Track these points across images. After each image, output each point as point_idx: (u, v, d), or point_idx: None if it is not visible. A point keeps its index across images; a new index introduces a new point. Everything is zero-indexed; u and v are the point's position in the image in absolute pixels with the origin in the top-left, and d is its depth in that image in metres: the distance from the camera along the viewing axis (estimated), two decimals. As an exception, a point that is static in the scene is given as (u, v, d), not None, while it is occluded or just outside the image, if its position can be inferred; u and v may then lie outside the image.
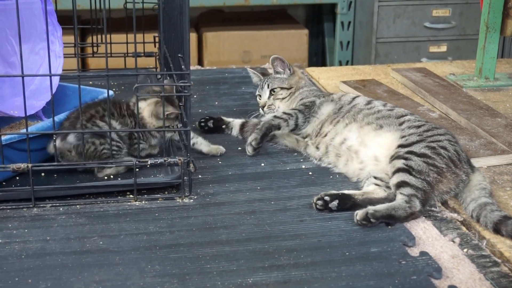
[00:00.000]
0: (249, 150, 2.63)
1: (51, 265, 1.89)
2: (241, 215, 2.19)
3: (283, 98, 2.84)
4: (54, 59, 2.66)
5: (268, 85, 2.87)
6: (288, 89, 2.84)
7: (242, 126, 2.83)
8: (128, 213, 2.19)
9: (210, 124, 2.86)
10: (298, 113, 2.67)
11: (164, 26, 2.95)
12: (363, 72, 3.79)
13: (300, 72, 2.97)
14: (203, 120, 2.88)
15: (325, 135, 2.57)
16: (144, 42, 3.43)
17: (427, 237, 2.08)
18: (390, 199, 2.22)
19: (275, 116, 2.67)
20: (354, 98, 2.68)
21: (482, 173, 2.36)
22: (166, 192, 2.33)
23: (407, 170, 2.22)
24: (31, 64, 2.77)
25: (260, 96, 2.90)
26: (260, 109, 2.87)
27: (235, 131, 2.85)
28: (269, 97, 2.85)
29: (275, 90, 2.85)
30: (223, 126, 2.86)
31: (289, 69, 2.88)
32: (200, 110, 3.15)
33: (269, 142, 2.71)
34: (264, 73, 3.00)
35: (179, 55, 2.35)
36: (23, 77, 2.18)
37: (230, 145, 2.71)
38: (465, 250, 2.02)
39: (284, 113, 2.68)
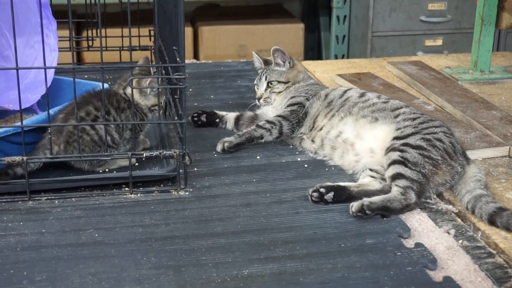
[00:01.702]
0: (218, 147, 2.60)
1: (47, 257, 1.89)
2: (236, 208, 2.19)
3: (279, 92, 2.83)
4: (49, 52, 2.65)
5: (266, 77, 2.85)
6: (285, 83, 2.83)
7: (237, 119, 2.83)
8: (124, 205, 2.19)
9: (203, 118, 2.85)
10: (282, 120, 2.64)
11: (159, 20, 2.95)
12: (359, 65, 3.79)
13: (300, 66, 2.94)
14: (195, 114, 2.87)
15: (321, 129, 2.57)
16: (139, 36, 3.43)
17: (422, 228, 2.09)
18: (385, 191, 2.23)
19: (257, 126, 2.65)
20: (345, 92, 2.67)
21: (477, 165, 2.36)
22: (162, 185, 2.33)
23: (403, 162, 2.22)
24: (26, 58, 2.77)
25: (258, 86, 2.89)
26: (256, 100, 2.87)
27: (230, 125, 2.84)
28: (266, 89, 2.84)
29: (272, 83, 2.83)
30: (217, 120, 2.85)
31: (289, 63, 2.85)
32: (195, 104, 3.14)
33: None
34: (267, 61, 2.94)
35: (174, 47, 2.34)
36: (17, 70, 2.17)
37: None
38: (460, 241, 2.02)
39: (268, 121, 2.65)
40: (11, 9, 2.13)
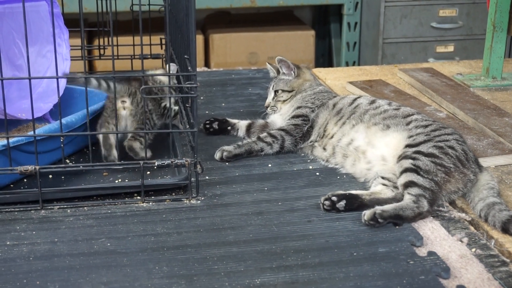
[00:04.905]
0: (217, 155, 2.59)
1: (59, 266, 1.89)
2: (248, 216, 2.19)
3: (284, 100, 2.84)
4: (61, 61, 2.67)
5: (273, 86, 2.89)
6: (289, 91, 2.85)
7: (249, 127, 2.83)
8: (136, 214, 2.19)
9: (215, 125, 2.86)
10: (285, 135, 2.64)
11: (171, 28, 2.96)
12: (370, 72, 3.78)
13: (309, 74, 2.94)
14: (207, 122, 2.88)
15: (332, 137, 2.57)
16: (150, 44, 3.44)
17: (435, 237, 2.08)
18: (397, 199, 2.22)
19: (258, 138, 2.64)
20: (355, 99, 2.66)
21: (490, 173, 2.35)
22: (173, 194, 2.33)
23: (415, 170, 2.21)
24: (38, 67, 2.79)
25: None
26: (265, 108, 2.90)
27: (241, 132, 2.84)
28: (273, 98, 2.87)
29: (278, 91, 2.86)
30: (228, 128, 2.86)
31: (294, 72, 2.87)
32: (207, 112, 3.15)
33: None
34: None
35: (186, 56, 2.35)
36: (30, 80, 2.18)
37: (237, 146, 2.70)
38: (473, 249, 2.01)
39: (270, 135, 2.65)
40: (23, 19, 2.14)
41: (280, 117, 2.81)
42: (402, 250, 1.98)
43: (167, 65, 2.54)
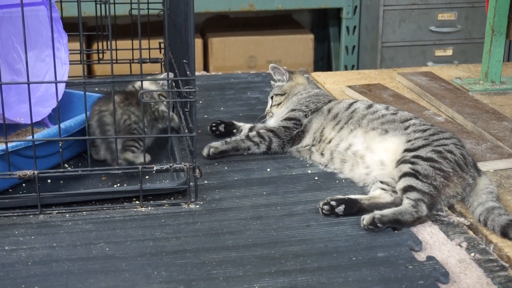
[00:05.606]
0: (204, 151, 2.62)
1: (58, 271, 1.89)
2: (247, 221, 2.18)
3: (278, 104, 2.87)
4: (60, 66, 2.67)
5: (270, 93, 2.95)
6: (282, 95, 2.87)
7: (250, 130, 2.84)
8: (134, 219, 2.19)
9: (221, 128, 2.87)
10: (273, 137, 2.65)
11: (169, 32, 2.96)
12: (369, 76, 3.79)
13: (302, 78, 2.96)
14: (214, 124, 2.89)
15: (329, 141, 2.57)
16: (149, 48, 3.44)
17: (434, 241, 2.07)
18: (396, 203, 2.22)
19: (247, 137, 2.66)
20: (351, 104, 2.67)
21: (488, 177, 2.35)
22: (172, 198, 2.33)
23: (414, 174, 2.21)
24: (37, 71, 2.79)
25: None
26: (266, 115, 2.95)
27: (243, 135, 2.85)
28: (271, 105, 2.92)
29: (273, 97, 2.90)
30: (234, 130, 2.88)
31: (286, 76, 2.93)
32: (205, 116, 3.15)
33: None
34: None
35: (184, 61, 2.35)
36: (29, 84, 2.18)
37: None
38: (472, 254, 2.01)
39: (258, 135, 2.66)
40: (22, 23, 2.14)
41: (274, 119, 2.83)
42: (401, 255, 1.97)
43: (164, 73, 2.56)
